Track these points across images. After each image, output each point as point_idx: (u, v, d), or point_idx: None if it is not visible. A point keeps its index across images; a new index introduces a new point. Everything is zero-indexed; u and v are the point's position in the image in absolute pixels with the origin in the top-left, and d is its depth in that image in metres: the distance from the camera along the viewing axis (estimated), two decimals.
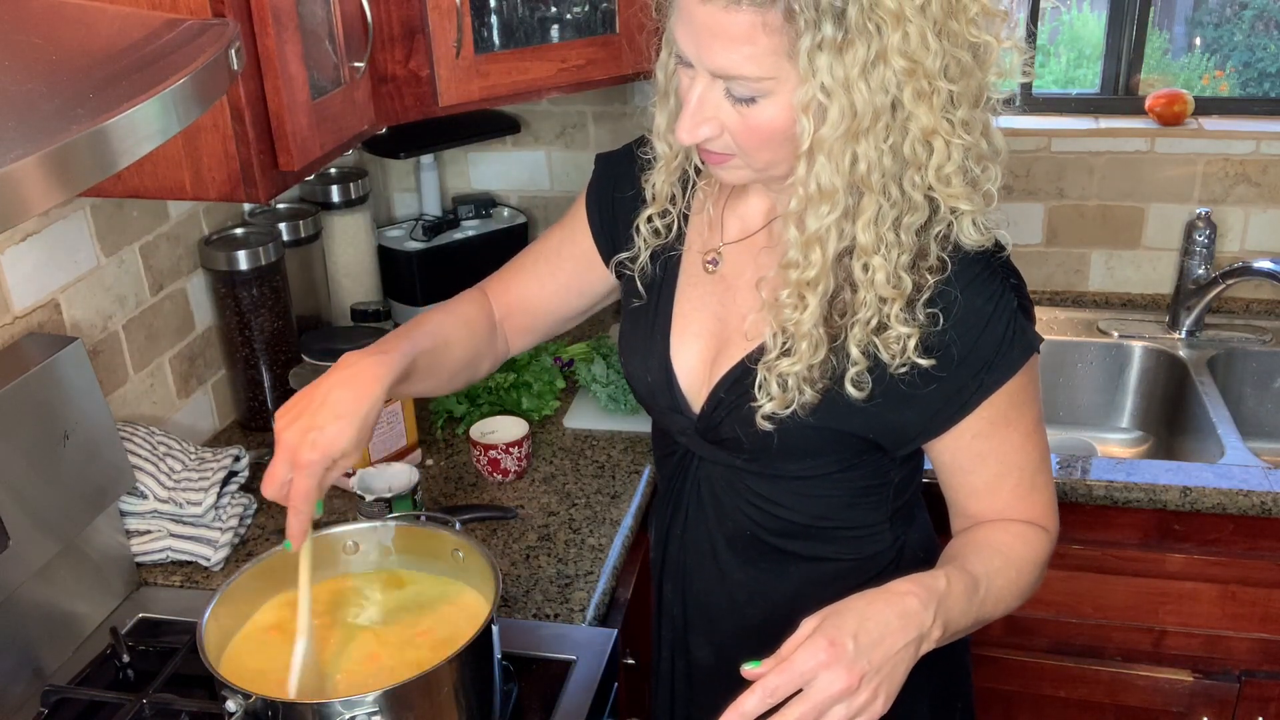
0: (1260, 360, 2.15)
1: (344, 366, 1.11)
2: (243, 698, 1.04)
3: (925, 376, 1.05)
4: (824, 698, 0.92)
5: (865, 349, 1.04)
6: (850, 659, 0.92)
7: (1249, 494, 1.68)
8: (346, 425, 1.06)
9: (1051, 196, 2.26)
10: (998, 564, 1.08)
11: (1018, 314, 1.06)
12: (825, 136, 0.95)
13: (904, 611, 0.97)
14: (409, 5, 1.51)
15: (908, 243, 1.01)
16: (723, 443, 1.17)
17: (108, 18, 0.89)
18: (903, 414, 1.09)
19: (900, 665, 0.96)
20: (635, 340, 1.23)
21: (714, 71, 0.97)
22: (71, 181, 0.66)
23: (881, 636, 0.95)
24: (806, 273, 1.02)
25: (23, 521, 1.28)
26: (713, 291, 1.18)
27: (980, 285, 1.05)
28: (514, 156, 2.37)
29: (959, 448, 1.11)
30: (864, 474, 1.17)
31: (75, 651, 1.40)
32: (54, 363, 1.34)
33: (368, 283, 2.13)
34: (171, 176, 1.30)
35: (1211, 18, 3.12)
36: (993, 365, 1.05)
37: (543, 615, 1.44)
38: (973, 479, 1.13)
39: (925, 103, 0.94)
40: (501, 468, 1.72)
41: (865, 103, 0.93)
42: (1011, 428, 1.09)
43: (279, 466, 1.06)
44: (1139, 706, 1.87)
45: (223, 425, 1.91)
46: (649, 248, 1.20)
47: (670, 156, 1.15)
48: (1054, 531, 1.15)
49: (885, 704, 0.95)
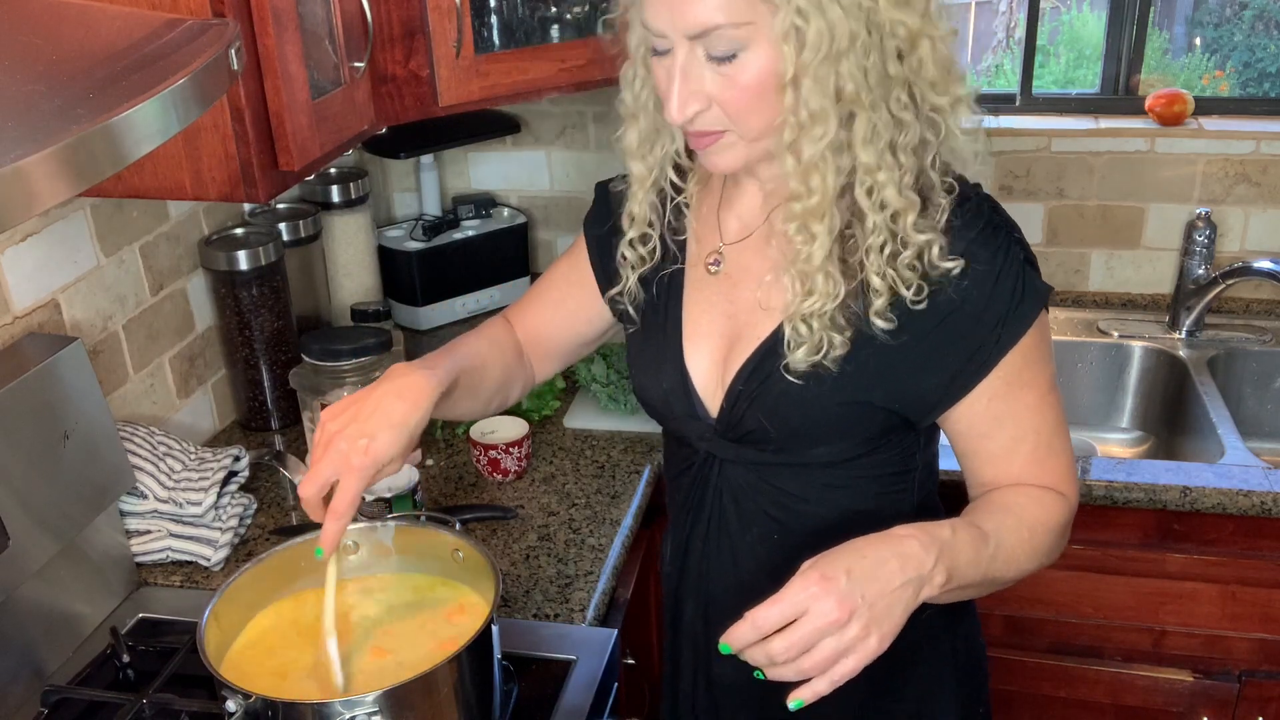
0: (1260, 360, 2.15)
1: (395, 377, 1.11)
2: (243, 698, 1.04)
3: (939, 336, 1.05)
4: (812, 628, 0.91)
5: (884, 275, 1.03)
6: (842, 592, 0.91)
7: (1249, 494, 1.68)
8: (398, 434, 1.07)
9: (1051, 196, 2.26)
10: (1010, 522, 1.07)
11: (1025, 266, 1.06)
12: (808, 60, 0.95)
13: (903, 552, 0.96)
14: (409, 5, 1.51)
15: (908, 164, 1.01)
16: (746, 437, 1.15)
17: (108, 18, 0.89)
18: (925, 379, 1.08)
19: (897, 605, 0.95)
20: (647, 354, 1.22)
21: (690, 32, 0.97)
22: (72, 181, 0.66)
23: (876, 573, 0.94)
24: (809, 201, 1.02)
25: (23, 521, 1.28)
26: (719, 291, 1.17)
27: (985, 241, 1.05)
28: (514, 156, 2.37)
29: (975, 413, 1.09)
30: (890, 458, 1.15)
31: (75, 651, 1.40)
32: (54, 363, 1.34)
33: (368, 283, 2.13)
34: (171, 176, 1.30)
35: (1211, 18, 3.12)
36: (1007, 320, 1.05)
37: (543, 615, 1.44)
38: (989, 444, 1.11)
39: (903, 9, 0.95)
40: (501, 468, 1.72)
41: (841, 19, 0.94)
42: (1026, 388, 1.08)
43: (326, 468, 1.06)
44: (1139, 706, 1.87)
45: (223, 425, 1.91)
46: (636, 272, 1.20)
47: (645, 176, 1.15)
48: (1073, 498, 1.13)
49: (879, 643, 0.93)
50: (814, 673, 0.92)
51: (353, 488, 1.05)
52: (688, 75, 0.99)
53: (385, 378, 1.12)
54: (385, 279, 2.17)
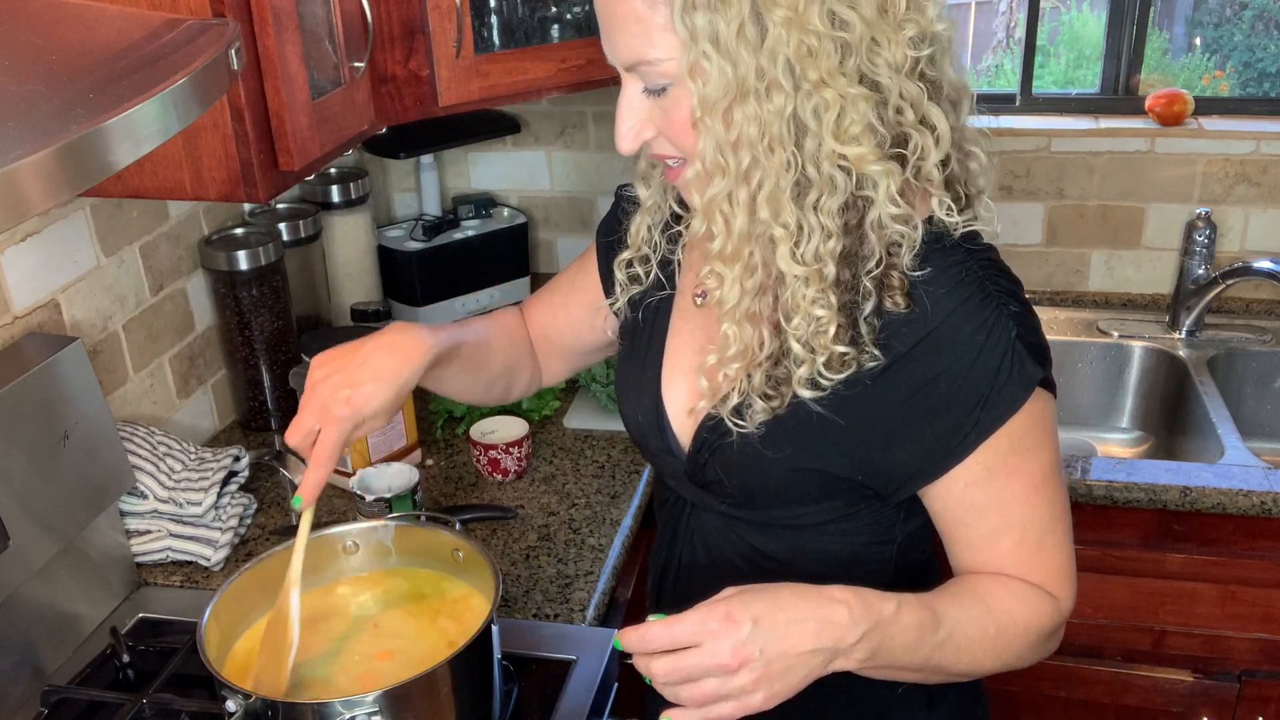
0: (1260, 360, 2.15)
1: (391, 332, 1.10)
2: (243, 698, 1.04)
3: (908, 409, 0.98)
4: (698, 664, 0.88)
5: (805, 341, 0.97)
6: (740, 639, 0.87)
7: (1249, 494, 1.68)
8: (383, 388, 1.06)
9: (1051, 196, 2.26)
10: (975, 613, 0.98)
11: (1015, 344, 0.95)
12: (712, 99, 0.89)
13: (825, 617, 0.90)
14: (409, 5, 1.51)
15: (831, 226, 0.93)
16: (709, 486, 1.10)
17: (108, 18, 0.89)
18: (891, 453, 1.00)
19: (797, 670, 0.89)
20: (628, 379, 1.18)
21: (623, 64, 0.95)
22: (72, 181, 0.66)
23: (787, 632, 0.89)
24: (715, 244, 0.97)
25: (23, 521, 1.28)
26: (700, 326, 1.12)
27: (971, 310, 0.95)
28: (514, 156, 2.37)
29: (951, 496, 1.00)
30: (863, 526, 1.07)
31: (75, 651, 1.40)
32: (54, 363, 1.34)
33: (368, 283, 2.13)
34: (171, 176, 1.30)
35: (1211, 18, 3.13)
36: (988, 402, 0.95)
37: (543, 615, 1.44)
38: (968, 532, 1.02)
39: (814, 57, 0.88)
40: (501, 468, 1.72)
41: (747, 62, 0.88)
42: (1013, 477, 0.98)
43: (307, 417, 1.06)
44: (1139, 706, 1.87)
45: (223, 425, 1.91)
46: (626, 293, 1.16)
47: (647, 200, 1.13)
48: (1065, 601, 1.03)
49: (765, 701, 0.89)
50: (689, 705, 0.90)
51: (332, 438, 1.04)
52: (630, 108, 0.96)
53: (381, 332, 1.11)
54: (385, 279, 2.17)
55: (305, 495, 1.07)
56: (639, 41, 0.92)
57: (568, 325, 1.30)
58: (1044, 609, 1.02)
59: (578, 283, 1.28)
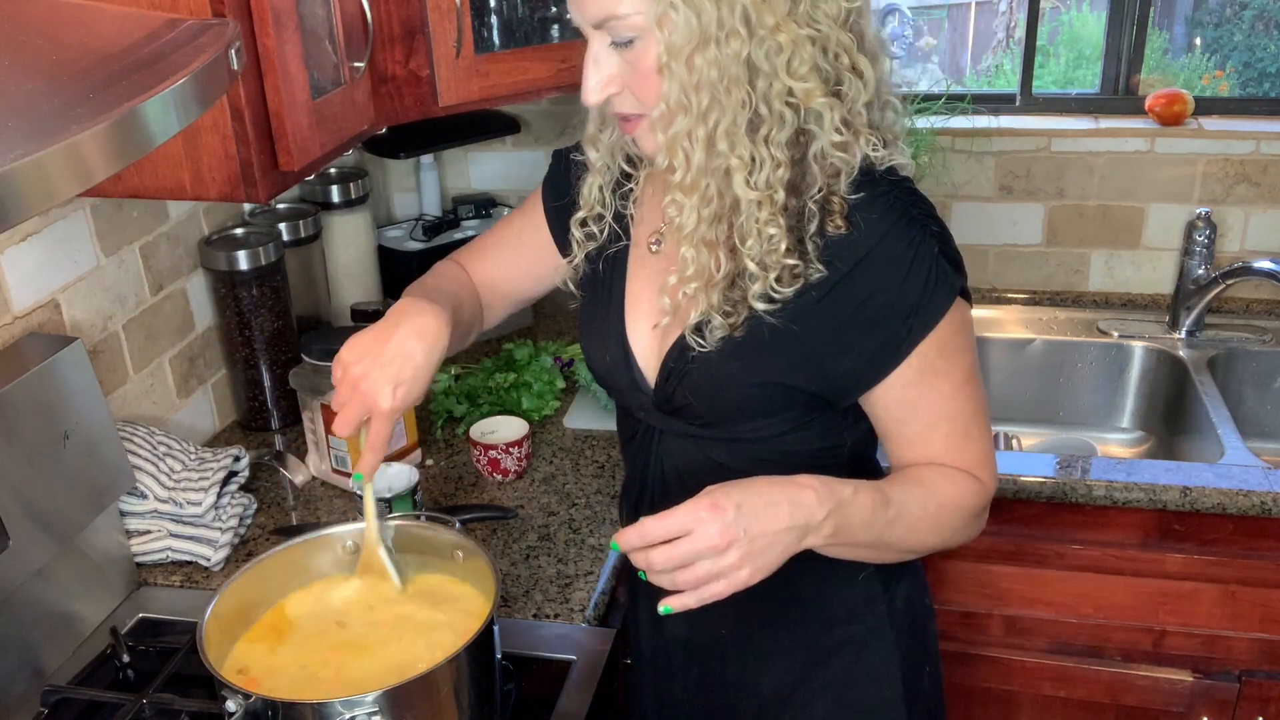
0: (1260, 360, 2.15)
1: (410, 315, 1.17)
2: (243, 698, 1.04)
3: (853, 323, 1.09)
4: (691, 549, 0.98)
5: (760, 261, 1.07)
6: (727, 522, 0.98)
7: (1249, 494, 1.68)
8: (422, 373, 1.16)
9: (1051, 196, 2.26)
10: (917, 495, 1.11)
11: (939, 259, 1.08)
12: (677, 46, 1.00)
13: (796, 499, 1.02)
14: (409, 5, 1.51)
15: (780, 157, 1.04)
16: (678, 411, 1.20)
17: (108, 18, 0.89)
18: (840, 364, 1.11)
19: (776, 546, 1.01)
20: (593, 324, 1.27)
21: (592, 22, 1.05)
22: (72, 181, 0.66)
23: (764, 513, 1.00)
24: (676, 175, 1.07)
25: (23, 521, 1.28)
26: (658, 269, 1.21)
27: (899, 232, 1.07)
28: (514, 156, 2.37)
29: (890, 398, 1.13)
30: (817, 434, 1.19)
31: (75, 651, 1.40)
32: (54, 363, 1.34)
33: (368, 283, 2.13)
34: (171, 176, 1.30)
35: (1211, 18, 3.13)
36: (918, 309, 1.08)
37: (543, 615, 1.44)
38: (904, 429, 1.15)
39: (768, 4, 0.99)
40: (501, 468, 1.72)
41: (710, 12, 0.98)
42: (941, 377, 1.11)
43: (355, 411, 1.14)
44: (1139, 706, 1.87)
45: (223, 425, 1.91)
46: (583, 249, 1.26)
47: (596, 161, 1.23)
48: (989, 483, 1.17)
49: (750, 576, 1.00)
50: (685, 587, 1.00)
51: (387, 429, 1.15)
52: (598, 62, 1.07)
53: (399, 316, 1.17)
54: (385, 279, 2.17)
55: (366, 472, 1.18)
56: None
57: (515, 277, 1.39)
58: (972, 489, 1.15)
59: (525, 238, 1.37)
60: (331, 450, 1.71)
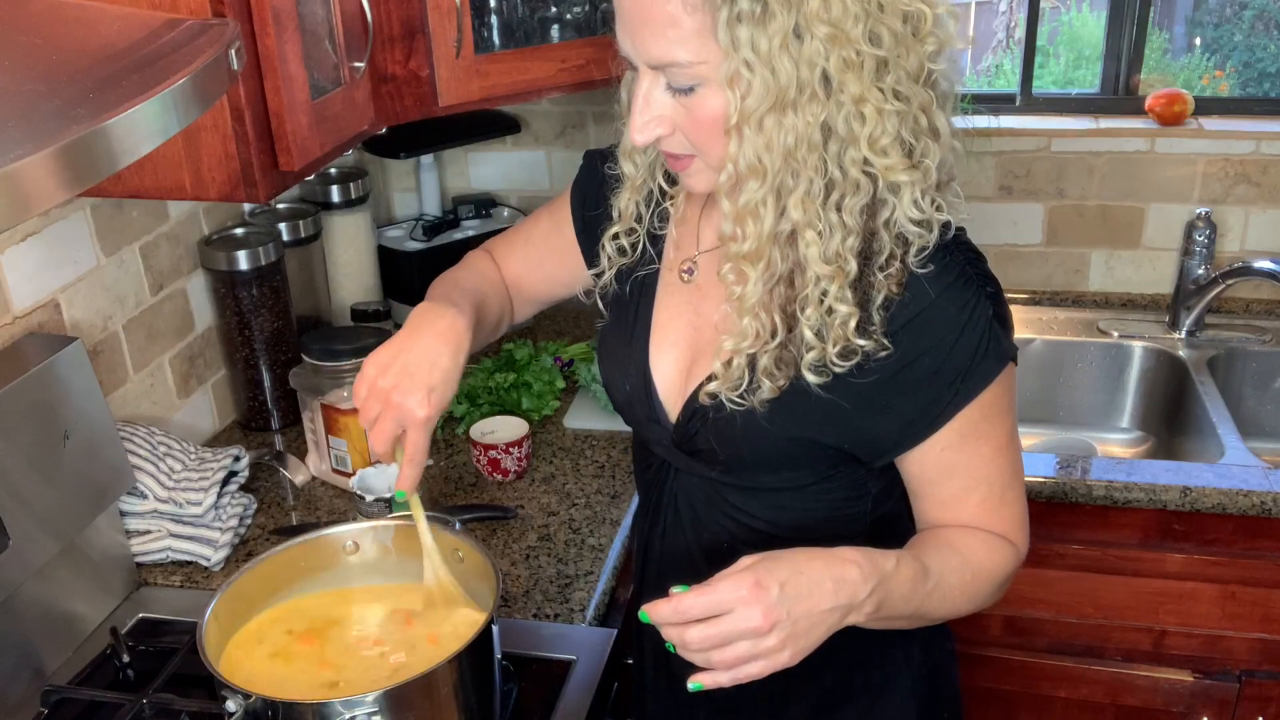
0: (1260, 360, 2.15)
1: (432, 320, 1.15)
2: (243, 698, 1.04)
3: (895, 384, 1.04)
4: (732, 629, 0.93)
5: (818, 331, 1.02)
6: (770, 603, 0.93)
7: (1249, 494, 1.68)
8: (450, 379, 1.13)
9: (1051, 196, 2.26)
10: (954, 563, 1.07)
11: (993, 323, 1.03)
12: (750, 109, 0.94)
13: (840, 577, 0.96)
14: (409, 5, 1.51)
15: (852, 225, 0.98)
16: (698, 454, 1.15)
17: (108, 18, 0.89)
18: (877, 424, 1.07)
19: (819, 627, 0.96)
20: (614, 348, 1.22)
21: (649, 63, 0.97)
22: (72, 181, 0.66)
23: (809, 593, 0.95)
24: (742, 246, 1.01)
25: (23, 521, 1.28)
26: (688, 300, 1.17)
27: (954, 293, 1.02)
28: (514, 156, 2.37)
29: (927, 460, 1.08)
30: (841, 485, 1.15)
31: (75, 651, 1.40)
32: (54, 363, 1.34)
33: (368, 283, 2.13)
34: (171, 176, 1.30)
35: (1211, 18, 3.13)
36: (967, 375, 1.03)
37: (543, 615, 1.44)
38: (939, 490, 1.10)
39: (854, 71, 0.92)
40: (501, 468, 1.72)
41: (789, 74, 0.92)
42: (982, 441, 1.07)
43: (390, 424, 1.11)
44: (1139, 706, 1.87)
45: (223, 425, 1.91)
46: (614, 266, 1.20)
47: (634, 176, 1.16)
48: (1022, 548, 1.12)
49: (791, 658, 0.95)
50: (721, 667, 0.95)
51: (424, 439, 1.12)
52: (650, 102, 0.99)
53: (421, 322, 1.15)
54: (385, 279, 2.17)
55: (407, 488, 1.15)
56: (672, 44, 0.94)
57: (542, 280, 1.36)
58: (1007, 556, 1.11)
59: (552, 242, 1.32)
60: (331, 450, 1.71)
